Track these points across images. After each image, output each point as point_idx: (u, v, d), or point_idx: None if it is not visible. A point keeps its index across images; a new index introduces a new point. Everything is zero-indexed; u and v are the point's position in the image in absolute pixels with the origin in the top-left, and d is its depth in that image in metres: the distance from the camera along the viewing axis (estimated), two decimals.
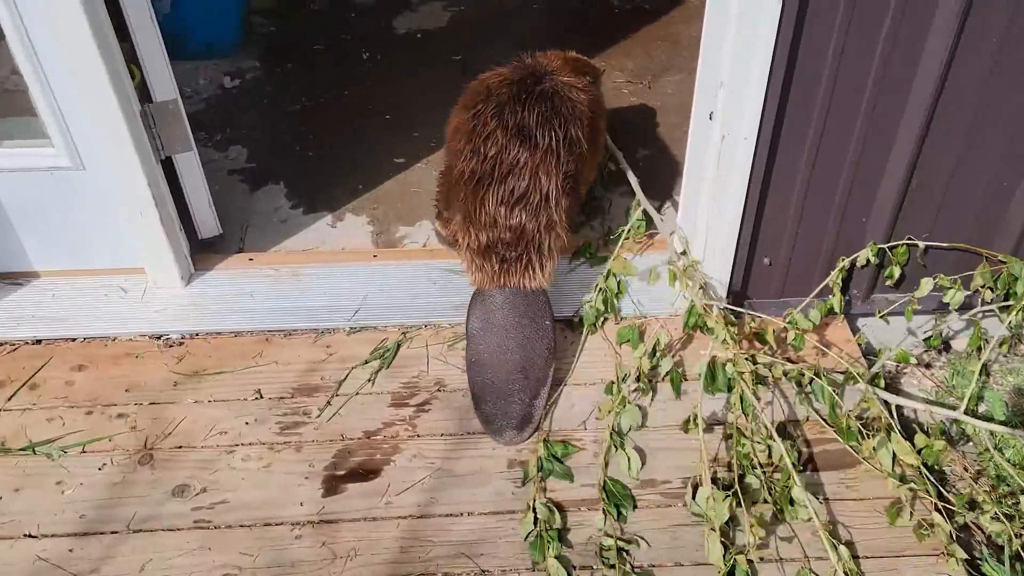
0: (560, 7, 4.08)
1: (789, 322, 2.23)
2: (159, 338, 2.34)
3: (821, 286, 2.31)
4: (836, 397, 2.07)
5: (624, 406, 2.05)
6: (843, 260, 2.26)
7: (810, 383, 2.12)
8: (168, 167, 2.38)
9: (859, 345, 2.35)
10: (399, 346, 2.33)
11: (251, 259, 2.57)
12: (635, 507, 1.95)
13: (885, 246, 2.26)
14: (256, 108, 3.34)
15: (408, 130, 3.21)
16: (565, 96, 2.13)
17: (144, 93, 2.25)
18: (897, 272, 2.29)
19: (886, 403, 2.09)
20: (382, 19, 3.96)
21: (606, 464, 2.01)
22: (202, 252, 2.58)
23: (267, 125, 3.24)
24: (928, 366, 2.44)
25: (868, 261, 2.26)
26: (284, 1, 4.10)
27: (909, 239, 2.27)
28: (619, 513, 1.92)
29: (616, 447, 2.02)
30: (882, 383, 2.14)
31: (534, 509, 1.88)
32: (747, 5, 1.84)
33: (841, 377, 2.14)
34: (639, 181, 2.62)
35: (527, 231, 2.07)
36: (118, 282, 2.47)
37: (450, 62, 3.65)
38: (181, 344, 2.33)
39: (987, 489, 2.02)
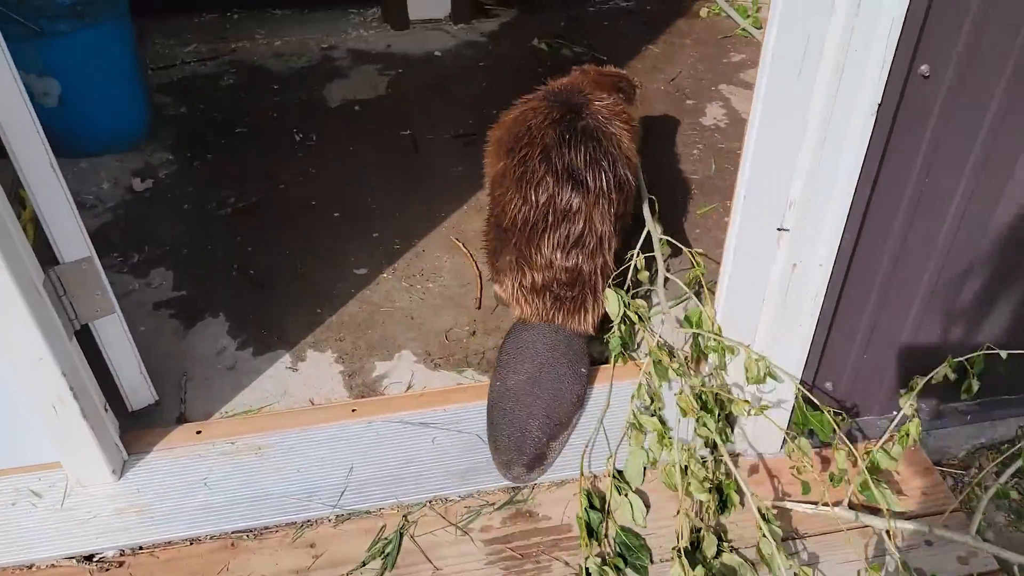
0: (507, 64, 3.68)
1: (870, 462, 1.88)
2: (90, 559, 1.82)
3: (896, 417, 1.97)
4: None
5: None
6: (917, 381, 1.93)
7: None
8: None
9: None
10: (401, 535, 1.87)
11: (199, 431, 2.06)
12: None
13: (964, 359, 1.94)
14: (176, 215, 2.80)
15: (364, 230, 2.74)
16: (608, 132, 2.10)
17: (47, 253, 1.73)
18: (976, 385, 1.98)
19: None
20: (311, 90, 3.47)
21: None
22: (135, 428, 2.05)
23: (193, 237, 2.71)
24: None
25: (945, 377, 1.94)
26: (192, 76, 3.56)
27: (989, 347, 1.96)
28: None
29: None
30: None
31: None
32: (835, 113, 1.47)
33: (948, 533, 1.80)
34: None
35: (584, 273, 2.05)
36: (28, 483, 1.93)
37: (398, 138, 3.19)
38: (121, 565, 1.81)
39: None
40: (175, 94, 3.44)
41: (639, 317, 2.09)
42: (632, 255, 2.12)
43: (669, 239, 2.25)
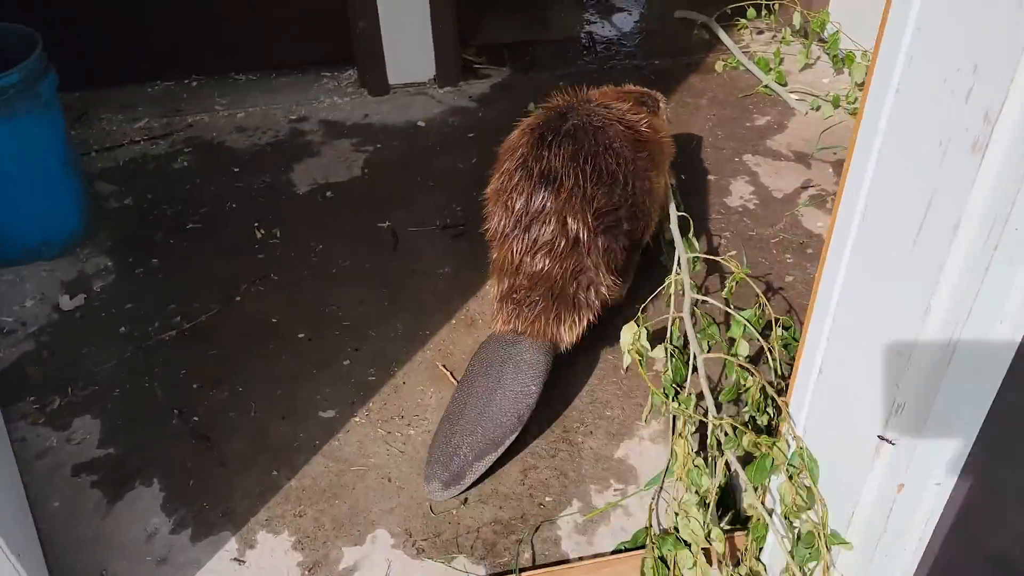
0: (500, 133, 3.23)
1: None
2: None
3: None
4: None
5: None
6: None
7: None
8: None
9: None
10: None
11: None
12: None
13: None
14: (111, 341, 2.36)
15: (333, 355, 2.29)
16: (592, 128, 1.99)
17: None
18: None
19: None
20: (276, 172, 3.03)
21: None
22: None
23: (129, 371, 2.26)
24: None
25: None
26: (142, 158, 3.13)
27: None
28: None
29: None
30: None
31: None
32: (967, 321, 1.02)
33: None
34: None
35: (551, 276, 1.94)
36: None
37: (375, 231, 2.75)
38: None
39: None
40: (120, 181, 3.00)
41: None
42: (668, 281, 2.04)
43: (704, 255, 2.21)
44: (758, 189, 2.87)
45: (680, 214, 2.31)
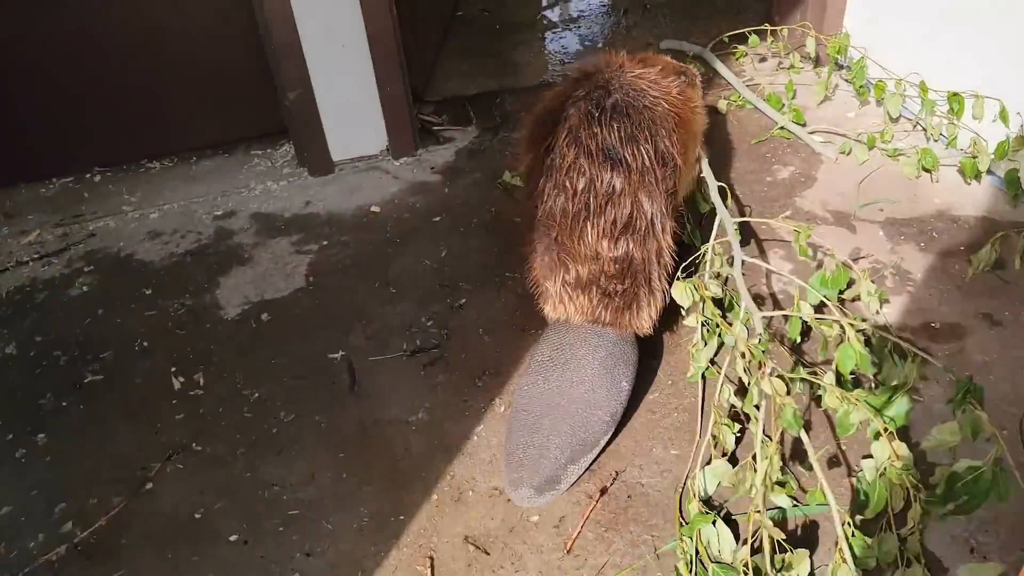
0: (471, 213, 2.67)
1: None
2: None
3: None
4: None
5: None
6: None
7: None
8: None
9: None
10: None
11: None
12: None
13: None
14: None
15: (279, 569, 1.70)
16: (641, 105, 1.84)
17: None
18: None
19: None
20: (198, 291, 2.43)
21: None
22: None
23: None
24: None
25: None
26: (30, 285, 2.51)
27: None
28: None
29: None
30: None
31: None
32: None
33: None
34: None
35: (636, 261, 1.84)
36: None
37: (325, 365, 2.16)
38: None
39: None
40: (1, 320, 2.38)
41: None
42: (707, 247, 2.02)
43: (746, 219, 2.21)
44: (798, 266, 2.31)
45: (719, 184, 2.24)
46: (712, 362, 1.99)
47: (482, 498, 1.79)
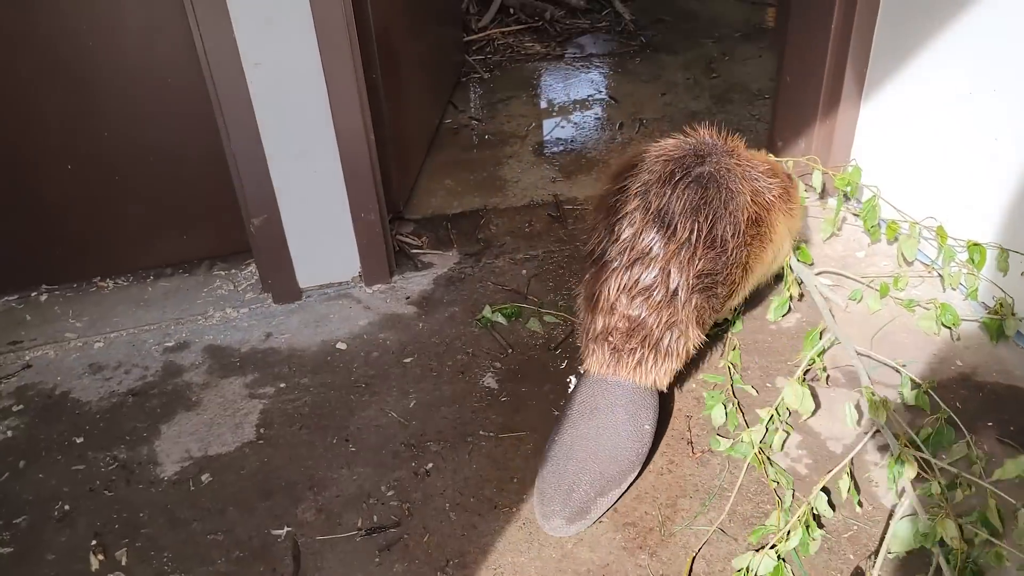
0: (446, 354, 2.42)
1: None
2: None
3: None
4: None
5: None
6: None
7: None
8: None
9: None
10: None
11: None
12: None
13: None
14: None
15: None
16: (724, 185, 1.89)
17: None
18: None
19: None
20: (135, 441, 2.16)
21: None
22: None
23: None
24: None
25: None
26: None
27: None
28: None
29: None
30: None
31: None
32: None
33: None
34: None
35: (645, 325, 1.88)
36: None
37: (267, 544, 1.88)
38: None
39: None
40: None
41: None
42: None
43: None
44: (806, 438, 2.06)
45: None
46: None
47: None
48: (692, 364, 2.17)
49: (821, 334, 2.25)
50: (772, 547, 1.72)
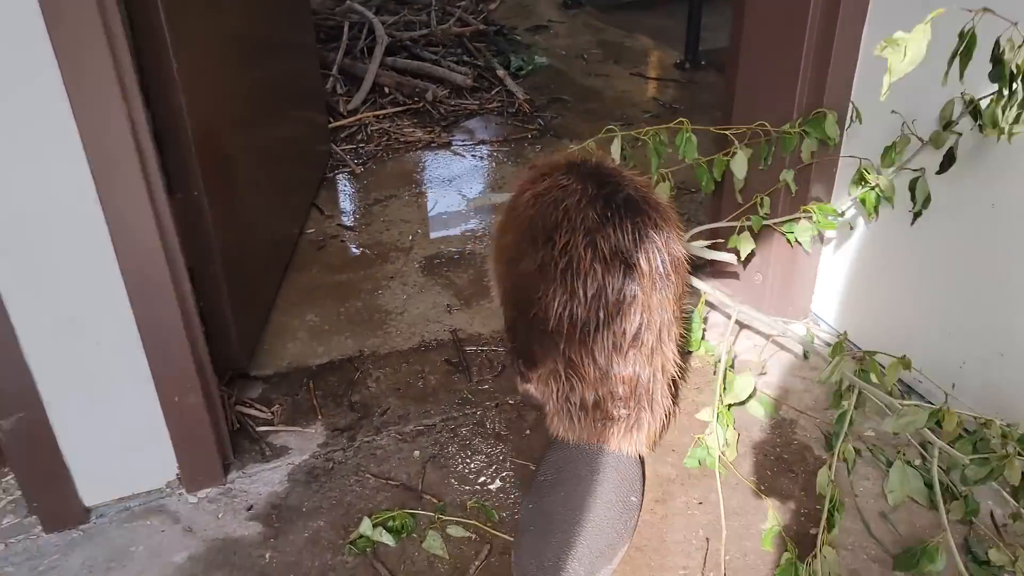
0: None
1: None
2: None
3: None
4: None
5: None
6: None
7: None
8: None
9: None
10: None
11: None
12: None
13: None
14: None
15: None
16: (645, 198, 1.73)
17: None
18: None
19: None
20: None
21: None
22: None
23: None
24: None
25: None
26: None
27: None
28: None
29: None
30: None
31: None
32: None
33: None
34: None
35: (642, 382, 1.73)
36: None
37: None
38: None
39: None
40: None
41: None
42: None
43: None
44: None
45: None
46: None
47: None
48: None
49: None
50: None
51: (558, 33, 5.21)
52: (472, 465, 1.98)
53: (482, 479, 1.94)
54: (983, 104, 1.72)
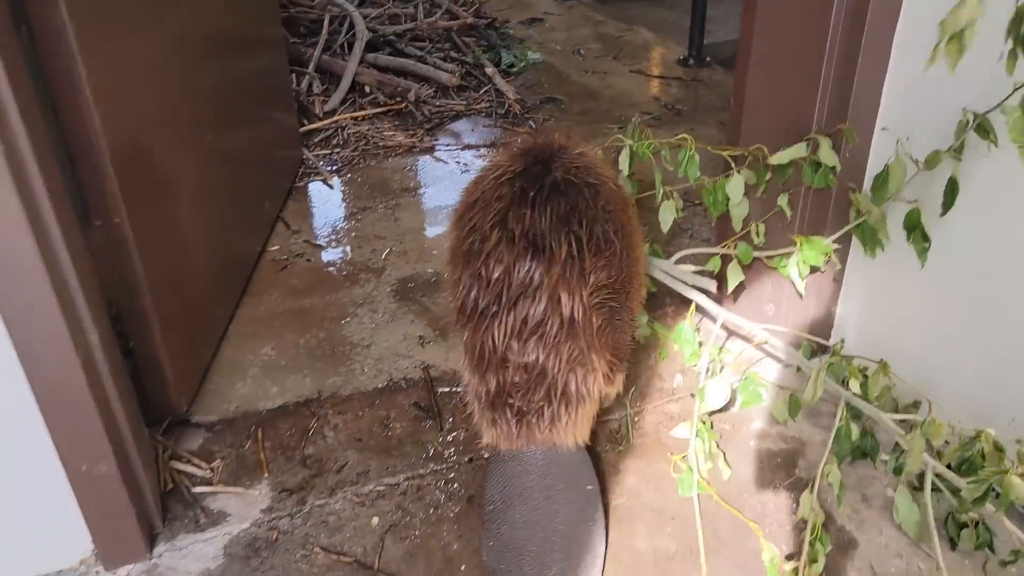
0: None
1: None
2: None
3: None
4: None
5: None
6: None
7: None
8: None
9: None
10: None
11: None
12: None
13: None
14: None
15: None
16: (585, 182, 1.57)
17: None
18: None
19: None
20: None
21: None
22: None
23: None
24: None
25: None
26: None
27: None
28: None
29: None
30: None
31: None
32: None
33: None
34: None
35: (547, 370, 1.55)
36: None
37: None
38: None
39: None
40: None
41: None
42: None
43: None
44: None
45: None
46: None
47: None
48: None
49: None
50: None
51: (554, 26, 4.92)
52: (440, 538, 1.70)
53: (450, 552, 1.66)
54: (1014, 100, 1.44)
